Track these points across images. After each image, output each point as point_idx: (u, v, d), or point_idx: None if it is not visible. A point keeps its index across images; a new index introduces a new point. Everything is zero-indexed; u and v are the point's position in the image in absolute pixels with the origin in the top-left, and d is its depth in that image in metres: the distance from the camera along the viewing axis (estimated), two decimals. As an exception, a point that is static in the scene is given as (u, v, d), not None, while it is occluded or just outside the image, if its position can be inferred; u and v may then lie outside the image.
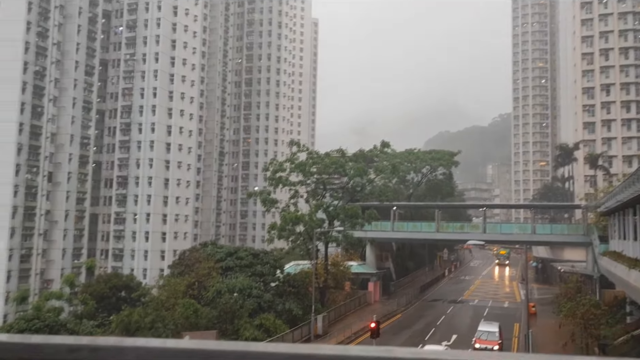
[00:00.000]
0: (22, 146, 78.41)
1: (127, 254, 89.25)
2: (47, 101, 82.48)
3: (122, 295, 45.98)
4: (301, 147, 52.23)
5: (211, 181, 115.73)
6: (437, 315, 51.15)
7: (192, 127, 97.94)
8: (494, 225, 71.59)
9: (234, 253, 48.54)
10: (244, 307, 39.36)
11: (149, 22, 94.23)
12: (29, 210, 78.88)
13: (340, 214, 49.92)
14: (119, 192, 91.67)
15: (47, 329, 34.15)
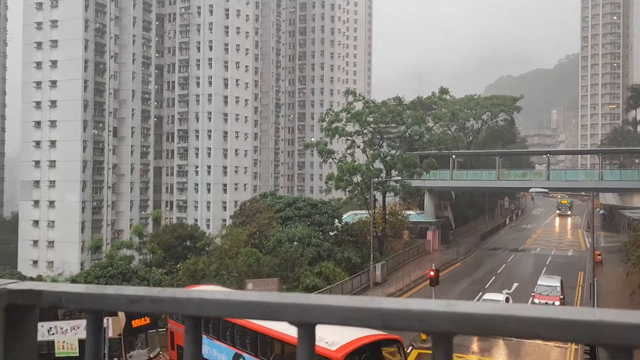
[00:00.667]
0: (88, 103, 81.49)
1: (190, 205, 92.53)
2: (108, 58, 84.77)
3: (187, 245, 48.00)
4: (357, 96, 51.45)
5: (268, 133, 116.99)
6: (498, 264, 50.53)
7: (248, 79, 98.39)
8: (558, 172, 69.08)
9: (293, 203, 49.30)
10: (304, 255, 40.21)
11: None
12: (97, 165, 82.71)
13: (398, 164, 49.38)
14: (180, 146, 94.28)
15: (120, 276, 36.26)
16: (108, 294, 1.16)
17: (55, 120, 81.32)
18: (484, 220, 77.70)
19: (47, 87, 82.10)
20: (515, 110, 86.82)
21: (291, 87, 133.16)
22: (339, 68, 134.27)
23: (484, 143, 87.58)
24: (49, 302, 1.22)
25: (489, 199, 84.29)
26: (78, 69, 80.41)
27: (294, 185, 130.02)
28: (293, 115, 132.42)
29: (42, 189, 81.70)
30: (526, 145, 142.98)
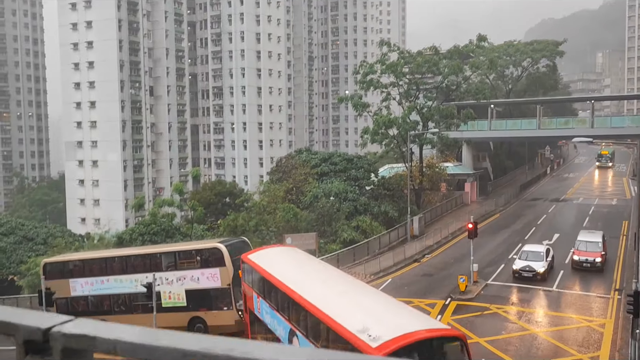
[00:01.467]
0: (124, 63, 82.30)
1: (228, 162, 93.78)
2: (141, 16, 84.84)
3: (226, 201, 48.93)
4: (392, 47, 50.23)
5: (302, 87, 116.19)
6: (538, 214, 49.79)
7: (280, 33, 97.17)
8: (603, 119, 66.61)
9: (328, 159, 49.34)
10: (341, 210, 40.52)
11: None
12: (136, 124, 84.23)
13: (435, 115, 48.52)
14: (215, 103, 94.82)
15: (164, 233, 37.43)
16: (162, 346, 1.15)
17: (93, 82, 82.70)
18: (523, 171, 76.22)
19: (84, 48, 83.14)
20: (557, 55, 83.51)
21: (324, 39, 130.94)
22: (372, 18, 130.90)
23: (524, 91, 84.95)
24: (103, 349, 1.22)
25: (529, 148, 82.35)
26: (112, 29, 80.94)
27: (328, 140, 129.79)
28: (326, 68, 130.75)
29: (85, 149, 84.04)
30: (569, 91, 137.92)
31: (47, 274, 27.72)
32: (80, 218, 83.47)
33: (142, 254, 28.12)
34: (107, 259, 28.57)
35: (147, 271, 25.48)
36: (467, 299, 26.97)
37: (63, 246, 46.01)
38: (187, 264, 25.93)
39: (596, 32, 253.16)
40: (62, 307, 27.26)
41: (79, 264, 28.88)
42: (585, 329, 22.39)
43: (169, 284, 25.54)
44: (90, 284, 27.53)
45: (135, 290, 25.58)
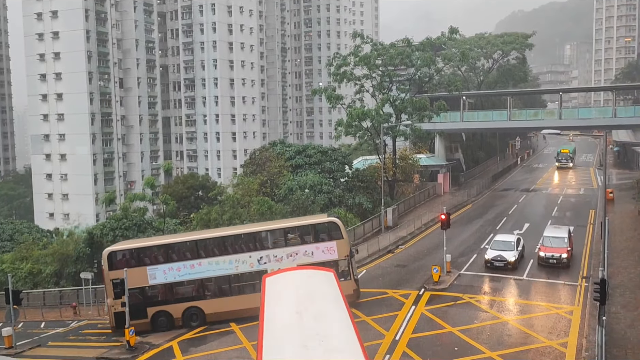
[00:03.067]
0: (92, 54, 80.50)
1: (200, 155, 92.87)
2: (109, 6, 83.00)
3: (199, 195, 48.46)
4: (365, 38, 50.22)
5: (275, 79, 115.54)
6: (509, 204, 50.66)
7: (252, 24, 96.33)
8: (570, 111, 68.01)
9: (303, 151, 49.22)
10: (316, 202, 40.50)
11: None
12: (105, 117, 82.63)
13: (408, 107, 48.77)
14: (187, 95, 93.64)
15: (135, 227, 36.89)
16: None
17: (60, 73, 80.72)
18: (495, 161, 77.39)
19: (50, 38, 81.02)
20: (527, 48, 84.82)
21: (297, 30, 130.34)
22: (345, 9, 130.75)
23: (495, 83, 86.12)
24: None
25: (500, 139, 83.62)
26: (79, 19, 79.00)
27: (303, 132, 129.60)
28: (300, 59, 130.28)
29: (53, 142, 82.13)
30: (538, 83, 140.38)
31: (113, 264, 24.98)
32: (48, 213, 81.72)
33: (243, 233, 27.07)
34: (198, 241, 26.30)
35: (251, 250, 25.46)
36: (441, 289, 27.29)
37: (30, 242, 44.96)
38: (299, 240, 26.08)
39: (565, 25, 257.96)
40: (136, 298, 24.73)
41: (161, 249, 26.08)
42: (554, 316, 22.90)
43: (278, 261, 25.10)
44: (176, 270, 25.19)
45: (236, 271, 25.27)
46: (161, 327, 25.13)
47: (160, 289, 25.49)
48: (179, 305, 25.23)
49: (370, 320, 23.07)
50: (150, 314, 25.14)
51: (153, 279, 25.13)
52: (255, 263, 25.27)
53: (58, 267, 38.13)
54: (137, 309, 24.47)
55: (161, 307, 25.24)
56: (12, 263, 40.43)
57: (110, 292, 24.61)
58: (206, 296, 25.52)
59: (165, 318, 25.23)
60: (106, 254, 25.25)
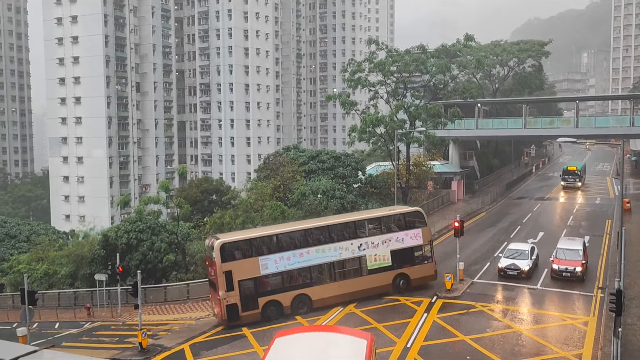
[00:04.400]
0: (110, 58, 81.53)
1: (215, 159, 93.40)
2: (127, 12, 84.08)
3: (213, 199, 48.69)
4: (380, 45, 50.25)
5: (290, 85, 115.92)
6: (523, 213, 50.23)
7: (268, 30, 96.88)
8: (587, 119, 67.32)
9: (316, 156, 49.30)
10: (328, 207, 40.50)
11: None
12: (122, 120, 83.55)
13: (422, 114, 48.65)
14: (202, 99, 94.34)
15: (149, 230, 37.16)
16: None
17: (78, 77, 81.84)
18: (509, 169, 76.85)
19: (69, 43, 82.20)
20: (543, 55, 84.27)
21: (312, 36, 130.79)
22: (360, 16, 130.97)
23: (510, 90, 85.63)
24: None
25: (515, 147, 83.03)
26: (98, 24, 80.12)
27: (316, 138, 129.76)
28: (314, 65, 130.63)
29: (70, 145, 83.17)
30: (554, 91, 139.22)
31: (226, 255, 24.90)
32: (64, 215, 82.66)
33: (345, 222, 28.60)
34: (307, 230, 27.17)
35: (351, 238, 27.37)
36: (453, 297, 27.12)
37: (46, 244, 45.52)
38: (391, 227, 28.61)
39: (582, 32, 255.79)
40: (248, 290, 25.00)
41: (272, 238, 26.52)
42: (568, 327, 22.64)
43: (375, 247, 27.60)
44: (286, 259, 25.80)
45: (339, 257, 26.85)
46: (271, 316, 25.40)
47: (271, 278, 25.85)
48: (289, 293, 25.88)
49: (382, 327, 23.00)
50: (261, 304, 25.36)
51: (265, 269, 25.48)
52: (355, 250, 27.27)
53: (73, 269, 38.52)
54: (249, 300, 24.96)
55: (272, 296, 25.60)
56: (29, 264, 40.96)
57: (222, 285, 24.58)
58: (313, 283, 26.49)
59: (275, 307, 25.62)
60: (218, 245, 24.87)
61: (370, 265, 27.50)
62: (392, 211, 30.44)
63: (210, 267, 25.73)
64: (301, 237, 26.77)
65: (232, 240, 26.04)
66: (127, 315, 32.75)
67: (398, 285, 28.01)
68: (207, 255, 26.57)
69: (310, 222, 30.28)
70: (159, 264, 35.69)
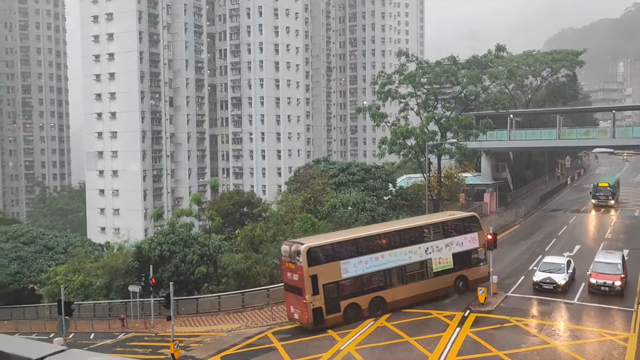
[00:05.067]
0: (144, 74, 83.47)
1: (246, 172, 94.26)
2: (161, 28, 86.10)
3: (244, 211, 49.12)
4: (410, 57, 50.15)
5: (320, 98, 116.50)
6: (558, 225, 49.10)
7: (298, 44, 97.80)
8: (624, 129, 65.63)
9: (346, 169, 49.31)
10: (359, 219, 40.38)
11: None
12: (155, 134, 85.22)
13: (453, 125, 48.23)
14: (234, 113, 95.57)
15: (182, 242, 37.66)
16: None
17: (114, 93, 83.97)
18: (543, 181, 75.33)
19: (106, 59, 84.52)
20: (577, 65, 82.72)
21: (342, 49, 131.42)
22: (390, 28, 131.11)
23: (543, 101, 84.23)
24: None
25: (549, 158, 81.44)
26: (133, 41, 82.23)
27: (347, 150, 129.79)
28: (344, 78, 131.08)
29: (106, 159, 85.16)
30: (589, 101, 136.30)
31: (311, 260, 25.60)
32: (100, 227, 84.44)
33: (414, 227, 30.10)
34: (381, 235, 28.63)
35: (418, 242, 28.78)
36: (487, 311, 26.62)
37: (82, 255, 46.57)
38: (451, 232, 30.05)
39: (617, 42, 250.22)
40: (331, 293, 25.77)
41: (352, 243, 27.54)
42: (607, 343, 21.94)
43: (439, 251, 28.94)
44: (364, 262, 26.80)
45: (409, 261, 28.12)
46: (350, 319, 26.15)
47: (351, 282, 26.76)
48: (366, 296, 26.80)
49: (414, 341, 22.71)
50: (343, 307, 26.14)
51: (345, 273, 26.43)
52: (423, 253, 28.53)
53: (108, 280, 39.26)
54: (332, 303, 25.76)
55: (352, 299, 26.45)
56: (65, 275, 41.94)
57: (309, 289, 25.26)
58: (387, 286, 27.45)
59: (354, 310, 26.40)
60: (305, 250, 25.54)
61: (435, 268, 28.78)
62: (451, 216, 31.61)
63: (292, 271, 26.30)
64: (377, 241, 28.16)
65: (318, 244, 26.88)
66: (159, 326, 33.15)
67: (458, 287, 29.16)
68: (284, 259, 27.15)
69: (382, 226, 32.11)
70: (191, 276, 36.08)
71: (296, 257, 25.78)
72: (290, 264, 26.34)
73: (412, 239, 28.89)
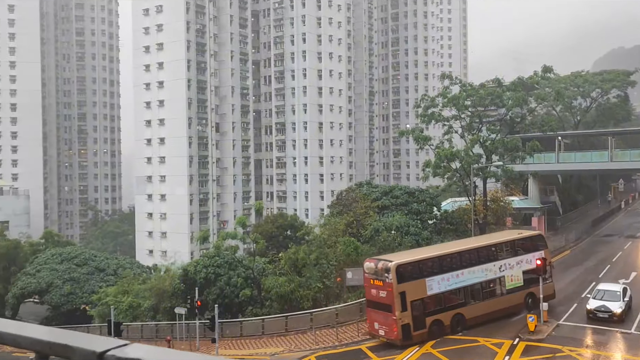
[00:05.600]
0: (192, 101, 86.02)
1: (289, 195, 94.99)
2: (208, 57, 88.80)
3: (287, 234, 49.43)
4: (453, 79, 49.92)
5: (362, 122, 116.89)
6: (612, 251, 47.14)
7: (341, 69, 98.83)
8: (682, 151, 62.78)
9: (389, 192, 49.04)
10: (402, 244, 39.95)
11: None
12: (202, 159, 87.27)
13: (499, 148, 47.44)
14: (278, 138, 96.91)
15: (227, 265, 38.14)
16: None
17: (163, 119, 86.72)
18: (595, 205, 72.77)
19: (155, 87, 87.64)
20: (629, 85, 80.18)
21: (384, 74, 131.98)
22: (433, 52, 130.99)
23: (593, 122, 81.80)
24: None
25: (601, 181, 78.74)
26: (182, 69, 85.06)
27: (389, 174, 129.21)
28: (387, 102, 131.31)
29: (154, 183, 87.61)
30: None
31: (400, 277, 26.43)
32: (148, 250, 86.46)
33: (488, 245, 30.92)
34: (461, 252, 29.60)
35: (493, 260, 29.64)
36: (537, 339, 25.71)
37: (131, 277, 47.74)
38: (520, 250, 30.94)
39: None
40: (418, 310, 26.55)
41: (436, 261, 28.54)
42: (669, 376, 20.81)
43: (511, 268, 29.85)
44: (446, 280, 27.69)
45: (485, 278, 29.02)
46: (435, 335, 26.86)
47: (434, 298, 27.50)
48: (448, 313, 27.56)
49: (460, 369, 22.13)
50: (428, 324, 26.83)
51: (430, 290, 27.20)
52: (497, 271, 29.43)
53: (155, 302, 40.02)
54: (419, 320, 26.46)
55: (436, 316, 27.20)
56: (115, 296, 43.01)
57: (398, 305, 26.00)
58: (466, 303, 28.18)
59: (437, 326, 27.08)
60: (394, 267, 26.40)
61: (508, 285, 29.60)
62: (520, 234, 32.50)
63: (379, 288, 26.90)
64: (458, 259, 28.83)
65: (406, 261, 27.66)
66: (204, 348, 33.47)
67: (527, 304, 29.64)
68: (368, 277, 27.83)
69: (460, 244, 32.88)
70: (235, 299, 36.39)
71: (384, 274, 26.56)
72: (376, 281, 27.06)
73: (488, 256, 29.68)
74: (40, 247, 61.34)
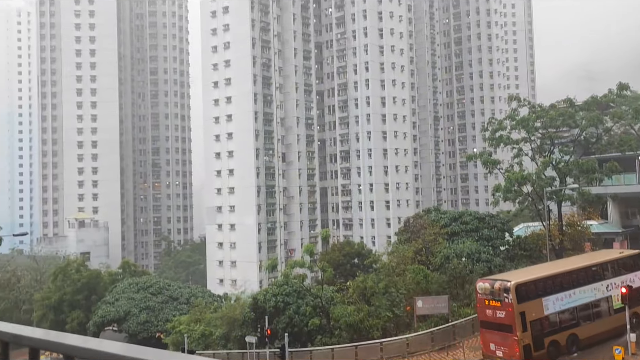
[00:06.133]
0: (259, 132, 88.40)
1: (355, 223, 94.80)
2: (274, 89, 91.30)
3: (355, 262, 49.16)
4: (521, 101, 48.67)
5: (428, 147, 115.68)
6: None
7: (405, 96, 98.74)
8: None
9: (459, 218, 47.91)
10: (474, 271, 38.80)
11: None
12: (269, 189, 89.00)
13: (573, 170, 45.45)
14: (343, 166, 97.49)
15: (295, 294, 38.33)
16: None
17: (232, 151, 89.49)
18: (684, 228, 67.68)
19: (224, 120, 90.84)
20: None
21: (449, 98, 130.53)
22: (499, 74, 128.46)
23: (678, 140, 76.83)
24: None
25: (689, 203, 73.30)
26: (249, 102, 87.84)
27: (457, 199, 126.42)
28: (453, 127, 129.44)
29: (224, 213, 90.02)
30: None
31: (520, 296, 26.40)
32: (218, 279, 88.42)
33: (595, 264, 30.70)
34: (572, 272, 29.61)
35: (600, 279, 29.46)
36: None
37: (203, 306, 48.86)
38: (623, 269, 30.65)
39: None
40: (537, 330, 26.43)
41: (552, 280, 28.59)
42: None
43: (616, 288, 29.27)
44: (560, 299, 27.78)
45: (594, 298, 28.75)
46: (552, 356, 26.56)
47: (550, 318, 27.36)
48: (564, 333, 27.31)
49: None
50: (546, 344, 26.65)
51: (547, 309, 27.12)
52: (605, 290, 29.11)
53: (226, 330, 40.68)
54: (538, 340, 26.32)
55: (553, 336, 27.01)
56: (188, 325, 44.13)
57: (519, 325, 25.98)
58: (578, 323, 27.95)
59: (554, 347, 26.81)
60: (514, 287, 26.50)
61: (615, 305, 28.96)
62: (622, 254, 32.31)
63: (496, 309, 26.76)
64: (569, 278, 28.44)
65: (525, 281, 27.54)
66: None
67: (633, 324, 28.38)
68: (482, 297, 27.58)
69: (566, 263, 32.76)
70: (304, 328, 36.39)
71: (503, 294, 26.35)
72: (493, 301, 26.79)
73: (595, 276, 29.41)
74: (118, 277, 64.06)
